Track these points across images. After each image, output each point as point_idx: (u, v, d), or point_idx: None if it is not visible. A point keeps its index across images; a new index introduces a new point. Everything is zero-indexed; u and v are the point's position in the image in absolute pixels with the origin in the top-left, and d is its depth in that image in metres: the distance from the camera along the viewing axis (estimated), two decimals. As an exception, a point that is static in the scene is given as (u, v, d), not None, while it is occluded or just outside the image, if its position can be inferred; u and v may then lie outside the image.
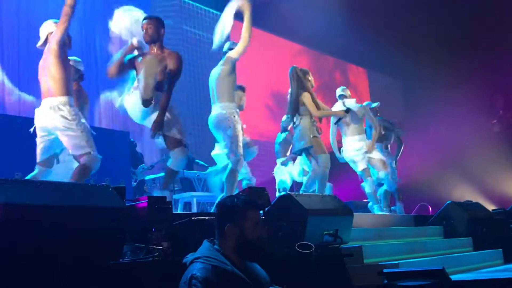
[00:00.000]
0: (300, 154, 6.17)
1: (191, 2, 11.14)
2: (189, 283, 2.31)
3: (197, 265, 2.38)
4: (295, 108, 5.98)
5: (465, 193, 10.55)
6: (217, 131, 5.18)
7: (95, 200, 2.86)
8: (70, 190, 2.83)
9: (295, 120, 6.02)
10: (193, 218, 3.52)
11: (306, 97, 5.93)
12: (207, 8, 11.24)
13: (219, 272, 2.34)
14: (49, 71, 4.16)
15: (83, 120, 4.25)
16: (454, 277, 3.68)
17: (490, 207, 7.89)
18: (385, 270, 3.58)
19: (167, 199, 3.48)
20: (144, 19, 4.74)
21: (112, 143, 6.07)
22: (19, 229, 2.47)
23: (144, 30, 4.65)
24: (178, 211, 6.00)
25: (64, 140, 4.16)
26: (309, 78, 6.13)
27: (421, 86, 13.01)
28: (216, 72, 5.28)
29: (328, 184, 6.19)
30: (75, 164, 4.19)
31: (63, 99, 4.14)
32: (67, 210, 2.68)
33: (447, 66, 12.03)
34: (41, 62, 4.28)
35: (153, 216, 3.26)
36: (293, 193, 4.26)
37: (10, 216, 2.44)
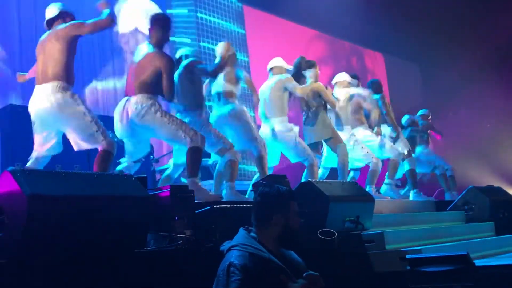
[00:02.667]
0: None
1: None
2: (227, 270, 2.36)
3: (234, 252, 2.42)
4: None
5: (486, 178, 10.45)
6: None
7: (118, 189, 2.89)
8: (94, 180, 2.85)
9: (309, 112, 6.04)
10: (214, 206, 3.53)
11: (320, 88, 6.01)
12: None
13: (256, 260, 2.39)
14: None
15: None
16: (477, 262, 3.65)
17: (512, 191, 7.81)
18: (408, 256, 3.57)
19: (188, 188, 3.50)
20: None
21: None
22: (44, 219, 2.51)
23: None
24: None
25: None
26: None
27: (439, 69, 12.85)
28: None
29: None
30: None
31: None
32: (92, 200, 2.71)
33: (465, 48, 11.85)
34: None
35: (175, 205, 3.28)
36: (314, 180, 4.26)
37: (36, 207, 2.47)
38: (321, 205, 3.95)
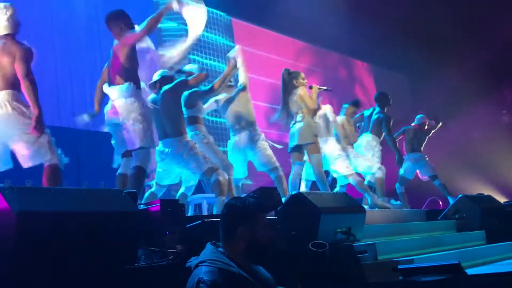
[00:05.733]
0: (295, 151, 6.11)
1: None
2: (196, 287, 2.29)
3: (202, 268, 2.36)
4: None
5: (476, 186, 10.49)
6: None
7: (108, 205, 2.88)
8: (82, 196, 2.83)
9: (297, 117, 6.02)
10: (205, 220, 3.52)
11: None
12: (211, 9, 11.23)
13: (226, 275, 2.34)
14: None
15: None
16: (469, 271, 3.66)
17: (502, 199, 7.85)
18: (400, 266, 3.57)
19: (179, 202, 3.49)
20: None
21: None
22: (33, 236, 2.48)
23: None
24: (189, 214, 6.02)
25: None
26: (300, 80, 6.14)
27: (428, 79, 12.93)
28: None
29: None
30: None
31: None
32: (81, 216, 2.69)
33: (453, 58, 11.95)
34: None
35: (166, 220, 3.26)
36: (305, 191, 4.26)
37: (24, 224, 2.45)
38: (313, 217, 3.94)
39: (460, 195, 6.35)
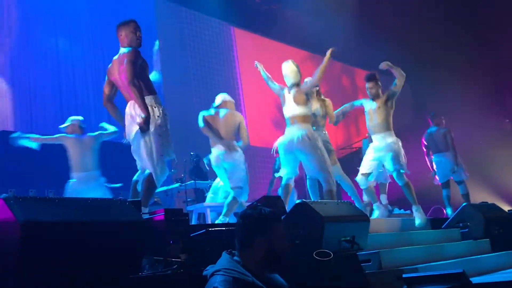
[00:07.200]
0: None
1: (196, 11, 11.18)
2: None
3: (218, 277, 2.38)
4: None
5: (480, 194, 10.47)
6: None
7: (112, 214, 2.87)
8: (87, 206, 2.84)
9: None
10: (210, 229, 3.52)
11: None
12: (212, 17, 11.28)
13: (240, 284, 2.35)
14: None
15: None
16: (473, 280, 3.65)
17: (506, 207, 7.83)
18: (404, 275, 3.55)
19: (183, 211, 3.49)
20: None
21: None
22: (38, 246, 2.48)
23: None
24: (192, 223, 6.03)
25: None
26: None
27: (430, 87, 12.95)
28: None
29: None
30: None
31: None
32: (85, 225, 2.69)
33: (456, 66, 11.97)
34: None
35: (170, 229, 3.26)
36: (308, 200, 4.26)
37: (30, 233, 2.45)
38: (316, 226, 3.93)
39: (464, 204, 6.33)
